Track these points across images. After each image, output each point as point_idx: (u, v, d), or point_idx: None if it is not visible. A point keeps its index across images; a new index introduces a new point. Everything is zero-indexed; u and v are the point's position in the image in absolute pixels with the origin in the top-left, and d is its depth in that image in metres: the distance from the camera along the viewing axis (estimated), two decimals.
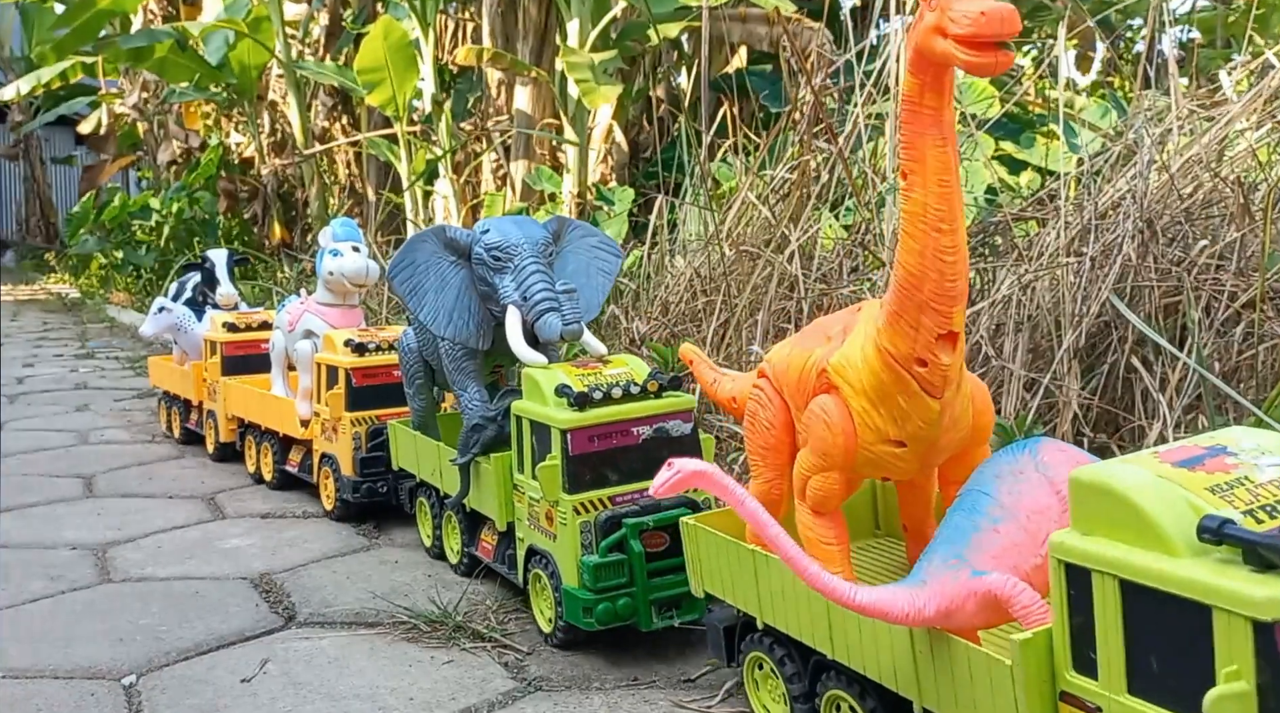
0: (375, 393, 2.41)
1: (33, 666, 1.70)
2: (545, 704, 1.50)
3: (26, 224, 17.02)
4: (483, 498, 1.89)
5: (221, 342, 3.13)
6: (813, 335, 1.34)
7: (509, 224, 1.89)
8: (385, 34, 6.02)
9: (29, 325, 7.81)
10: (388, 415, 2.39)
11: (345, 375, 2.39)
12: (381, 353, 2.42)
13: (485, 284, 1.89)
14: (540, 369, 1.73)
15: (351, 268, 2.60)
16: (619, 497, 1.64)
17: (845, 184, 3.08)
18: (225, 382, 3.05)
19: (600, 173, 5.73)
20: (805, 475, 1.29)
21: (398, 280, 1.93)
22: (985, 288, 2.58)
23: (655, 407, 1.69)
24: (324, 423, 2.49)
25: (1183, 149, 2.47)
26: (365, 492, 2.38)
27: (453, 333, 1.94)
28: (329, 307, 2.67)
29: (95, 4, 7.19)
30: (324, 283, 2.66)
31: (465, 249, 1.92)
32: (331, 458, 2.47)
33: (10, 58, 14.60)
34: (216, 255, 3.45)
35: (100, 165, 12.04)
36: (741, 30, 5.64)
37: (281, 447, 2.77)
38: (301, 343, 2.66)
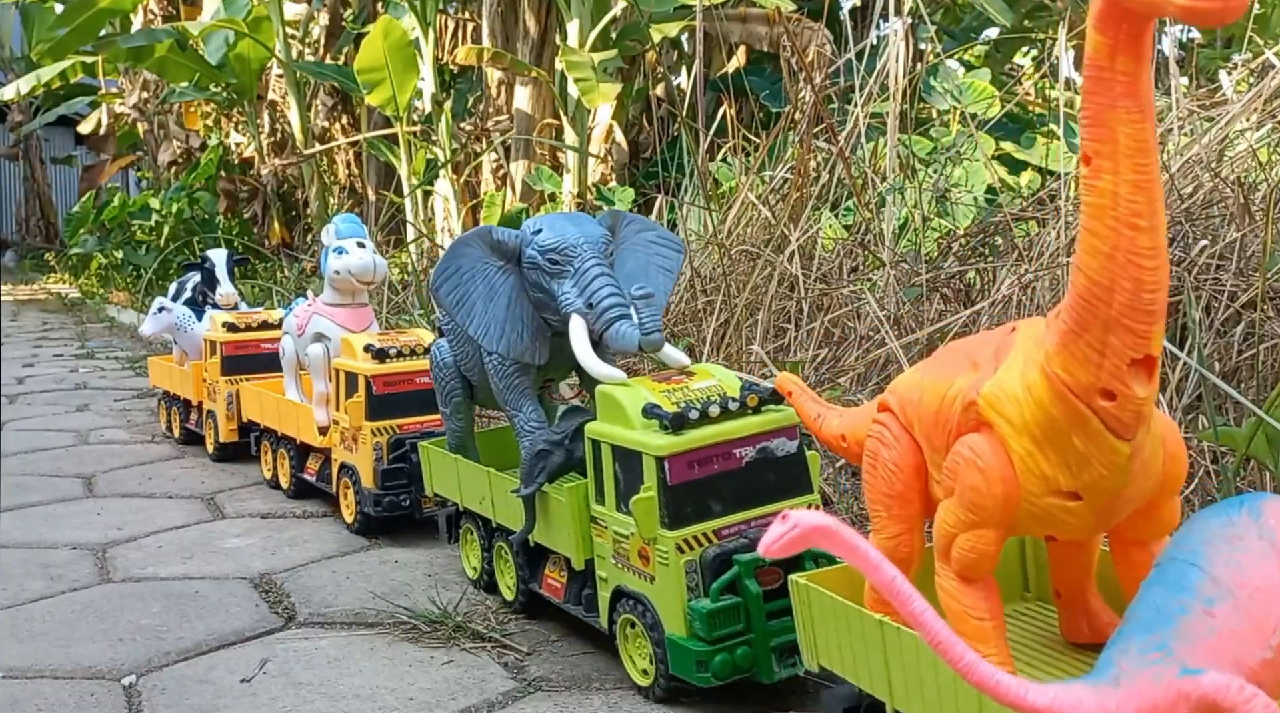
0: (397, 401, 2.29)
1: (33, 666, 1.70)
2: (545, 704, 1.50)
3: (26, 224, 17.03)
4: (553, 533, 1.67)
5: (221, 341, 3.09)
6: (952, 360, 1.11)
7: (563, 222, 1.70)
8: (385, 34, 6.03)
9: (29, 325, 7.81)
10: (410, 425, 2.29)
11: (365, 383, 2.28)
12: (403, 359, 2.31)
13: (540, 291, 1.69)
14: (619, 387, 1.53)
15: (358, 265, 2.49)
16: (725, 529, 1.45)
17: (845, 184, 3.08)
18: (242, 385, 3.00)
19: (600, 173, 5.73)
20: (950, 534, 1.06)
21: (443, 291, 1.74)
22: (985, 288, 2.58)
23: (758, 424, 1.49)
24: (343, 432, 2.37)
25: (1183, 149, 2.47)
26: (387, 505, 2.25)
27: (506, 347, 1.74)
28: (337, 307, 2.56)
29: (95, 4, 7.19)
30: (330, 283, 2.54)
31: (514, 252, 1.72)
32: (351, 469, 2.34)
33: (10, 58, 14.61)
34: (216, 255, 3.40)
35: (100, 165, 12.05)
36: (741, 30, 5.64)
37: (299, 454, 2.67)
38: (314, 347, 2.56)
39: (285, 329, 2.77)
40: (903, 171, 3.05)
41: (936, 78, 4.22)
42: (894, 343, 2.29)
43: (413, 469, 2.22)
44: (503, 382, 1.78)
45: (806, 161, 3.07)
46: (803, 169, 3.08)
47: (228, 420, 3.07)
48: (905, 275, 2.66)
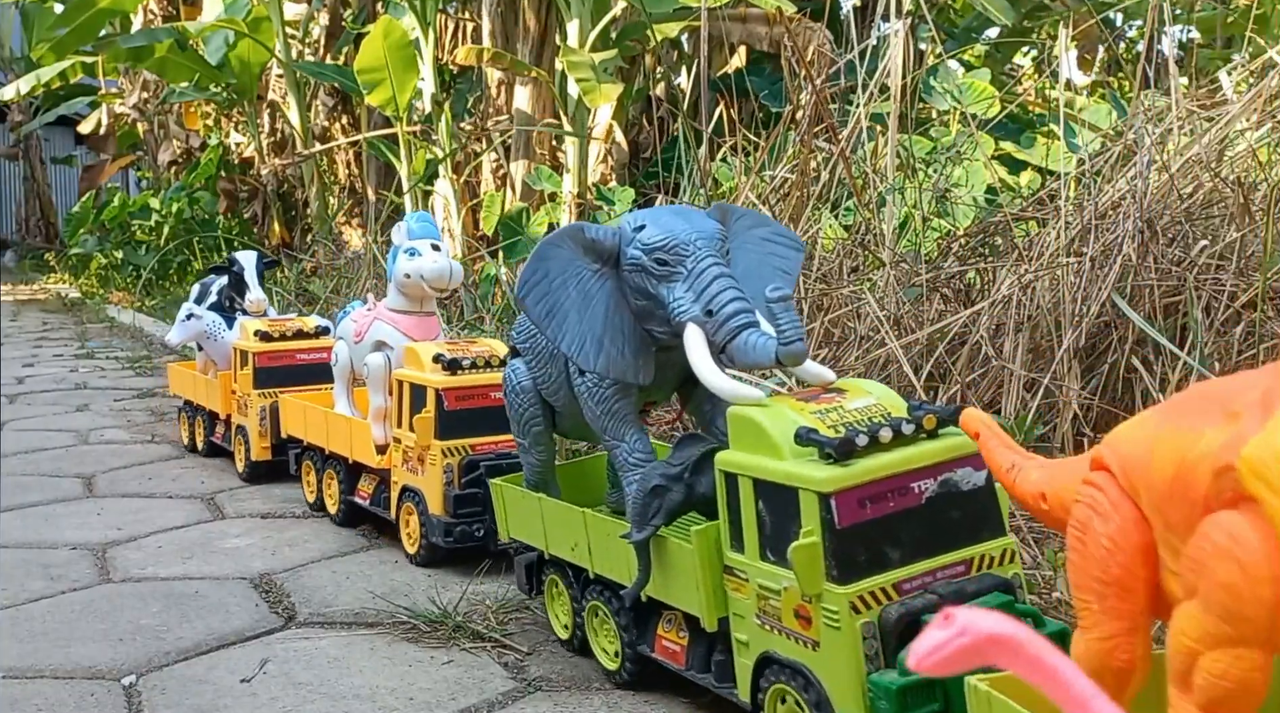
0: (471, 418, 2.04)
1: (33, 666, 1.70)
2: (545, 704, 1.50)
3: (26, 224, 17.03)
4: (673, 586, 1.40)
5: (254, 351, 2.84)
6: (1199, 406, 0.82)
7: (671, 217, 1.46)
8: (385, 34, 6.02)
9: (29, 325, 7.81)
10: (485, 445, 2.05)
11: (435, 397, 2.03)
12: (477, 371, 2.07)
13: (643, 297, 1.45)
14: (758, 408, 1.27)
15: (433, 270, 2.24)
16: (906, 582, 1.18)
17: (845, 184, 3.08)
18: (284, 396, 2.75)
19: (600, 173, 5.73)
20: (1193, 651, 0.78)
21: (530, 299, 1.48)
22: (985, 288, 2.58)
23: (938, 451, 1.23)
24: (405, 451, 2.13)
25: (1183, 149, 2.47)
26: (459, 535, 2.01)
27: (605, 365, 1.48)
28: (402, 314, 2.31)
29: (95, 4, 7.19)
30: (397, 287, 2.30)
31: (612, 253, 1.48)
32: (416, 493, 2.10)
33: (10, 58, 14.61)
34: (245, 258, 3.16)
35: (100, 165, 12.05)
36: (741, 30, 5.64)
37: (348, 475, 2.41)
38: (373, 356, 2.32)
39: (339, 334, 2.53)
40: (903, 171, 3.05)
41: (936, 78, 4.22)
42: (894, 343, 2.29)
43: (488, 495, 1.93)
44: (600, 406, 1.53)
45: (807, 161, 3.07)
46: (803, 169, 3.08)
47: (260, 437, 2.83)
48: (905, 275, 2.66)
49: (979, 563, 1.24)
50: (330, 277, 5.89)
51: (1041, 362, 2.22)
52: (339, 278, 5.59)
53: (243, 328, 2.94)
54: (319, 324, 2.93)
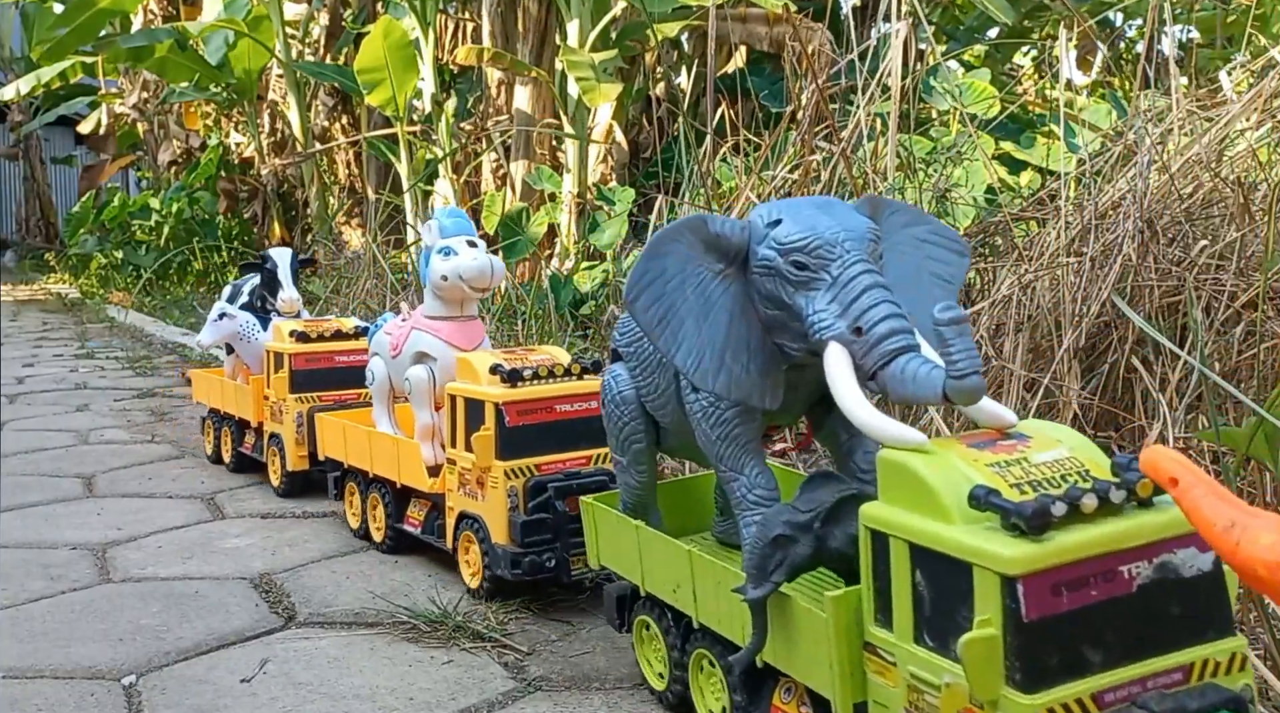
0: (535, 435, 1.85)
1: (33, 666, 1.70)
2: (545, 704, 1.50)
3: (26, 224, 17.04)
4: (797, 656, 1.18)
5: (290, 353, 2.64)
6: None
7: (814, 211, 1.21)
8: (385, 34, 6.03)
9: (29, 325, 7.81)
10: (551, 465, 1.85)
11: (495, 413, 1.83)
12: (540, 382, 1.87)
13: (776, 306, 1.22)
14: (916, 454, 1.04)
15: (472, 268, 2.05)
16: (1108, 692, 0.94)
17: (846, 184, 3.08)
18: (321, 416, 2.49)
19: (600, 173, 5.74)
20: None
21: (641, 304, 1.25)
22: (985, 288, 2.59)
23: (1155, 526, 0.97)
24: (462, 474, 1.92)
25: (1183, 149, 2.47)
26: (529, 567, 1.78)
27: (726, 385, 1.25)
28: (442, 320, 2.13)
29: (95, 4, 7.19)
30: (434, 291, 2.12)
31: (739, 251, 1.24)
32: (476, 520, 1.89)
33: (10, 58, 14.62)
34: (279, 255, 2.96)
35: (100, 165, 12.06)
36: (741, 30, 5.64)
37: (396, 500, 2.20)
38: (414, 370, 2.13)
39: (374, 349, 2.34)
40: (903, 171, 3.05)
41: (936, 78, 4.22)
42: None
43: (558, 520, 1.79)
44: (716, 431, 1.31)
45: (808, 161, 3.08)
46: (804, 169, 3.08)
47: (297, 446, 2.64)
48: None
49: (1201, 670, 0.99)
50: (330, 276, 5.89)
51: (1041, 362, 2.22)
52: (339, 278, 5.59)
53: (277, 329, 2.74)
54: (357, 325, 2.76)
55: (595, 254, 5.00)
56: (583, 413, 1.89)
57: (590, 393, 1.88)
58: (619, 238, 4.72)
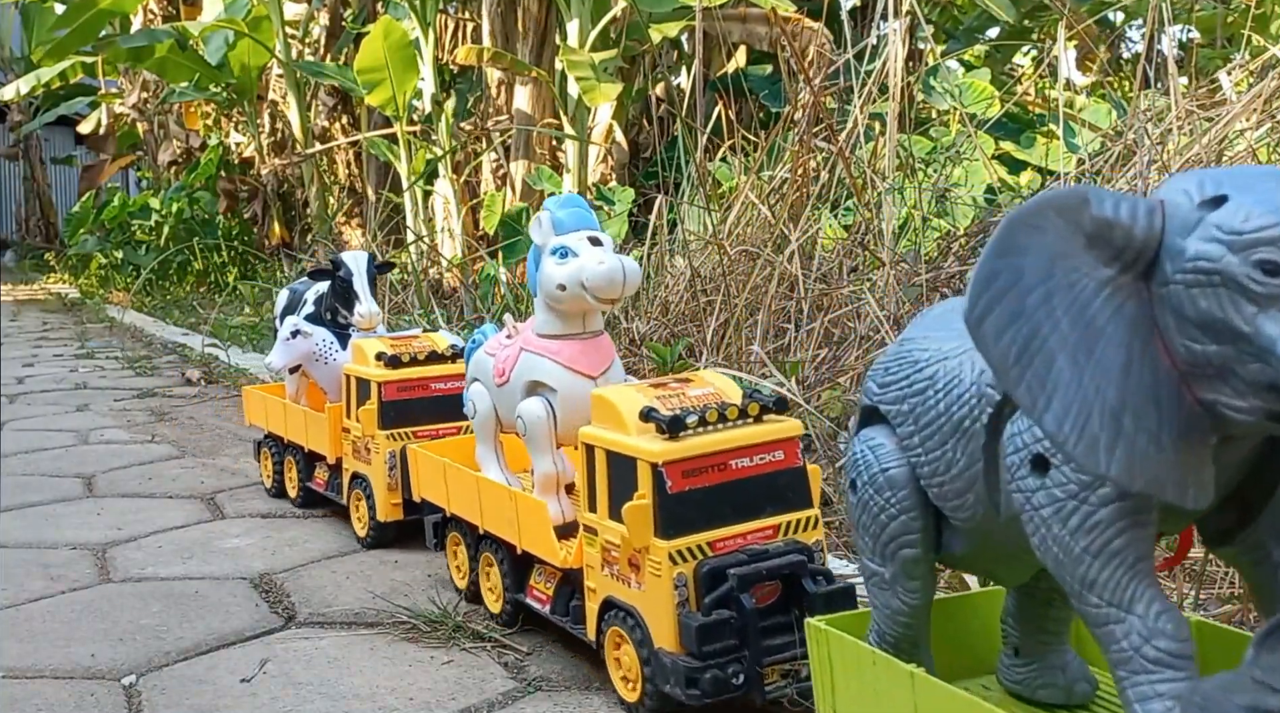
0: (707, 502, 1.39)
1: (33, 666, 1.70)
2: (545, 704, 1.50)
3: (26, 224, 17.05)
4: None
5: (380, 381, 2.19)
6: None
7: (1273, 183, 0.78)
8: (385, 34, 6.03)
9: (29, 325, 7.81)
10: (728, 542, 1.39)
11: (653, 476, 1.37)
12: (708, 430, 1.40)
13: (1216, 335, 0.77)
14: None
15: (599, 275, 1.58)
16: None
17: (845, 184, 3.08)
18: (415, 451, 2.03)
19: (600, 173, 5.74)
20: None
21: (992, 323, 0.82)
22: None
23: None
24: (607, 549, 1.46)
25: (1182, 149, 2.47)
26: (709, 686, 1.31)
27: (1126, 466, 0.80)
28: (560, 340, 1.67)
29: (95, 4, 7.20)
30: (548, 302, 1.66)
31: (1144, 247, 0.81)
32: (630, 614, 1.41)
33: (10, 58, 14.62)
34: (354, 260, 2.48)
35: (100, 165, 12.06)
36: (741, 30, 5.64)
37: (514, 566, 1.74)
38: (529, 406, 1.67)
39: (472, 373, 1.86)
40: (902, 171, 3.05)
41: (936, 78, 4.22)
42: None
43: (745, 620, 1.32)
44: (1084, 539, 0.85)
45: (806, 161, 3.08)
46: (803, 169, 3.08)
47: (390, 492, 2.18)
48: (905, 275, 2.66)
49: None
50: None
51: None
52: None
53: (358, 349, 2.28)
54: (452, 343, 2.30)
55: None
56: (765, 468, 1.43)
57: (774, 442, 1.43)
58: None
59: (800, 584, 1.36)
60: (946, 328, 1.00)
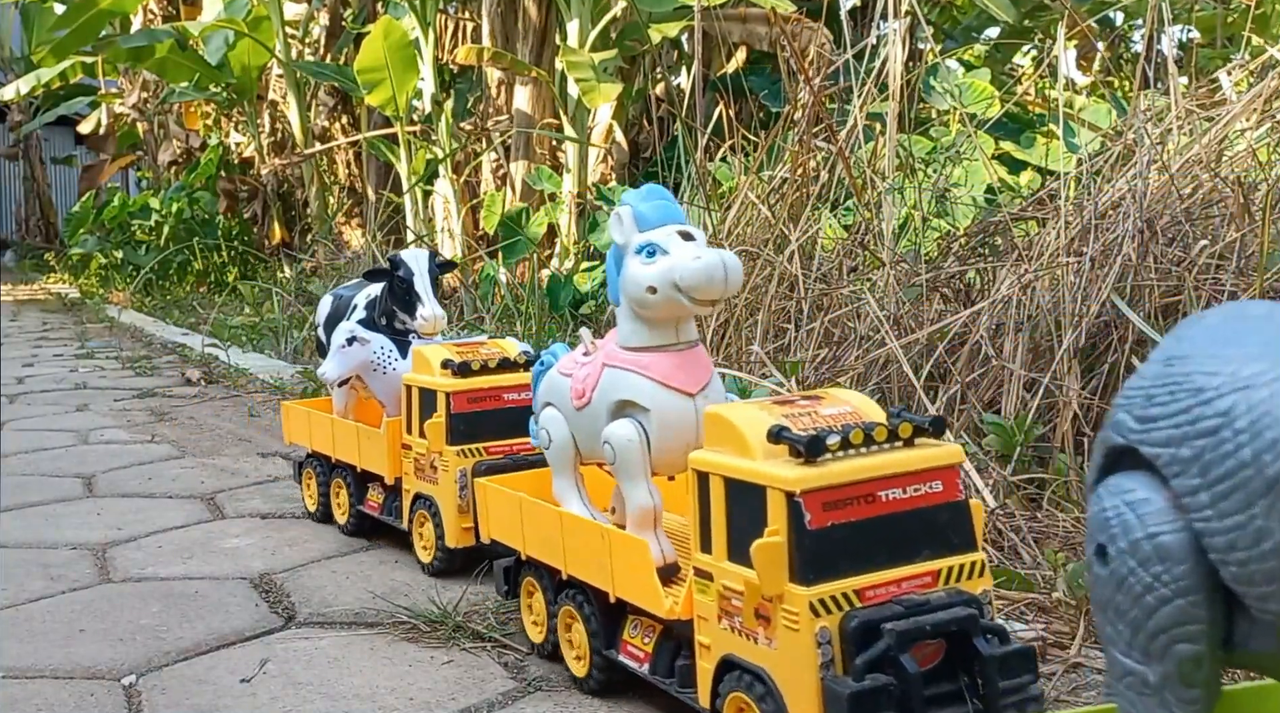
0: (855, 542, 1.15)
1: (33, 666, 1.70)
2: (545, 704, 1.50)
3: (26, 224, 17.06)
4: None
5: (449, 391, 1.95)
6: None
7: None
8: (385, 34, 6.04)
9: (29, 325, 7.81)
10: (880, 589, 1.15)
11: (788, 509, 1.13)
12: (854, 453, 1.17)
13: None
14: None
15: (697, 273, 1.36)
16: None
17: (845, 184, 3.08)
18: (484, 485, 1.76)
19: (600, 173, 5.74)
20: None
21: None
22: (985, 288, 2.59)
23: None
24: (726, 598, 1.22)
25: (1182, 149, 2.47)
26: None
27: None
28: (651, 352, 1.44)
29: (95, 4, 7.20)
30: (634, 309, 1.44)
31: None
32: (758, 676, 1.18)
33: (10, 58, 14.63)
34: (414, 259, 2.26)
35: (100, 165, 12.07)
36: (741, 30, 5.64)
37: (603, 615, 1.48)
38: (618, 429, 1.44)
39: (544, 396, 1.62)
40: (902, 171, 3.05)
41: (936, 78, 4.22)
42: (894, 343, 2.29)
43: (910, 686, 1.09)
44: None
45: (806, 161, 3.08)
46: (802, 169, 3.08)
47: (460, 516, 1.96)
48: (905, 275, 2.66)
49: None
50: (330, 277, 5.90)
51: (1041, 362, 2.22)
52: (339, 278, 5.59)
53: (420, 357, 2.06)
54: (524, 350, 2.09)
55: (595, 254, 5.00)
56: (921, 501, 1.19)
57: (932, 470, 1.20)
58: None
59: (969, 644, 1.12)
60: (1240, 345, 0.74)
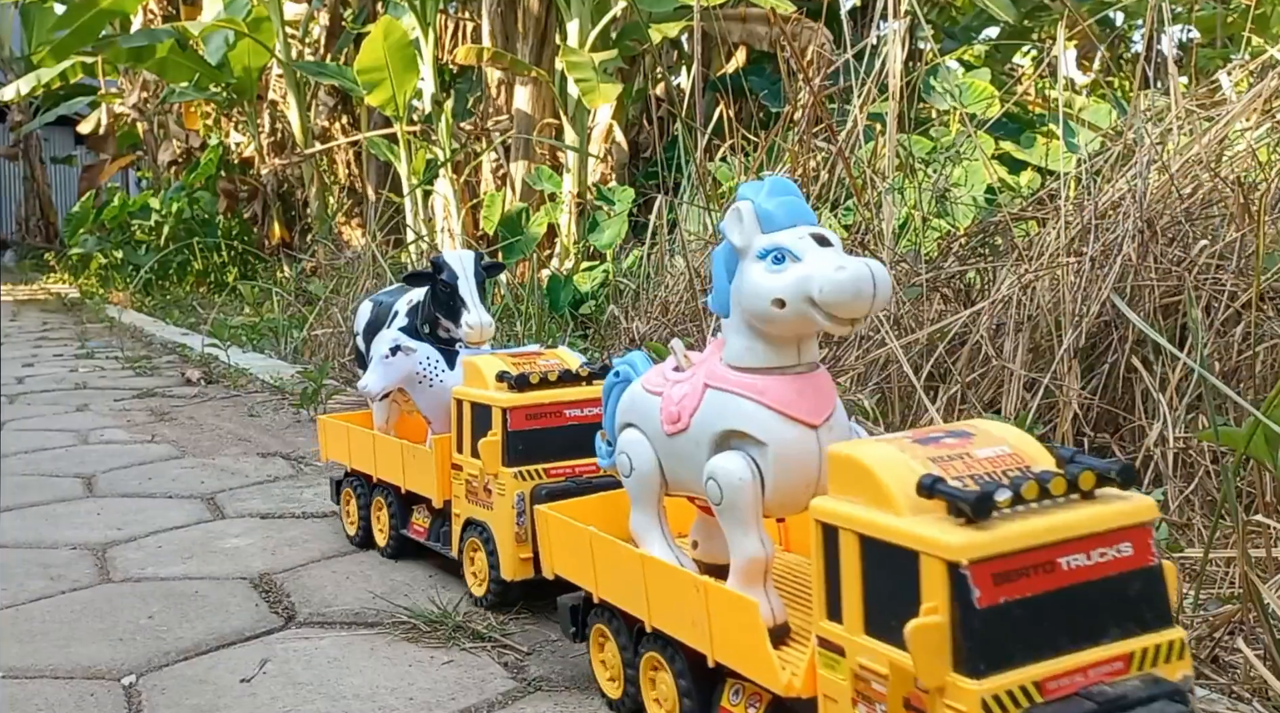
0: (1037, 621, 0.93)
1: (33, 666, 1.70)
2: (545, 704, 1.50)
3: (26, 224, 17.06)
4: None
5: (505, 406, 1.76)
6: None
7: None
8: (385, 34, 6.04)
9: (29, 325, 7.81)
10: (1063, 681, 0.93)
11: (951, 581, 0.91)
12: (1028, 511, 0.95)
13: None
14: None
15: (841, 287, 1.12)
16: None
17: (845, 184, 3.08)
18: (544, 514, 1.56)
19: (600, 173, 5.74)
20: None
21: None
22: (985, 288, 2.59)
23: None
24: (859, 676, 1.01)
25: (1182, 149, 2.47)
26: None
27: None
28: (767, 375, 1.21)
29: (95, 4, 7.20)
30: (752, 324, 1.21)
31: None
32: None
33: (10, 58, 14.63)
34: (458, 261, 2.08)
35: (100, 165, 12.07)
36: (741, 30, 5.64)
37: (696, 678, 1.29)
38: (725, 462, 1.21)
39: (625, 416, 1.40)
40: (902, 171, 3.05)
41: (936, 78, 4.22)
42: (894, 343, 2.29)
43: None
44: None
45: (806, 161, 3.08)
46: (802, 169, 3.08)
47: (518, 545, 1.76)
48: (905, 275, 2.66)
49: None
50: (330, 277, 5.90)
51: (1041, 362, 2.22)
52: (339, 278, 5.59)
53: (472, 369, 1.87)
54: (584, 362, 1.89)
55: (595, 254, 5.00)
56: (1106, 570, 0.96)
57: (1120, 531, 0.97)
58: (619, 238, 4.72)
59: None
60: None
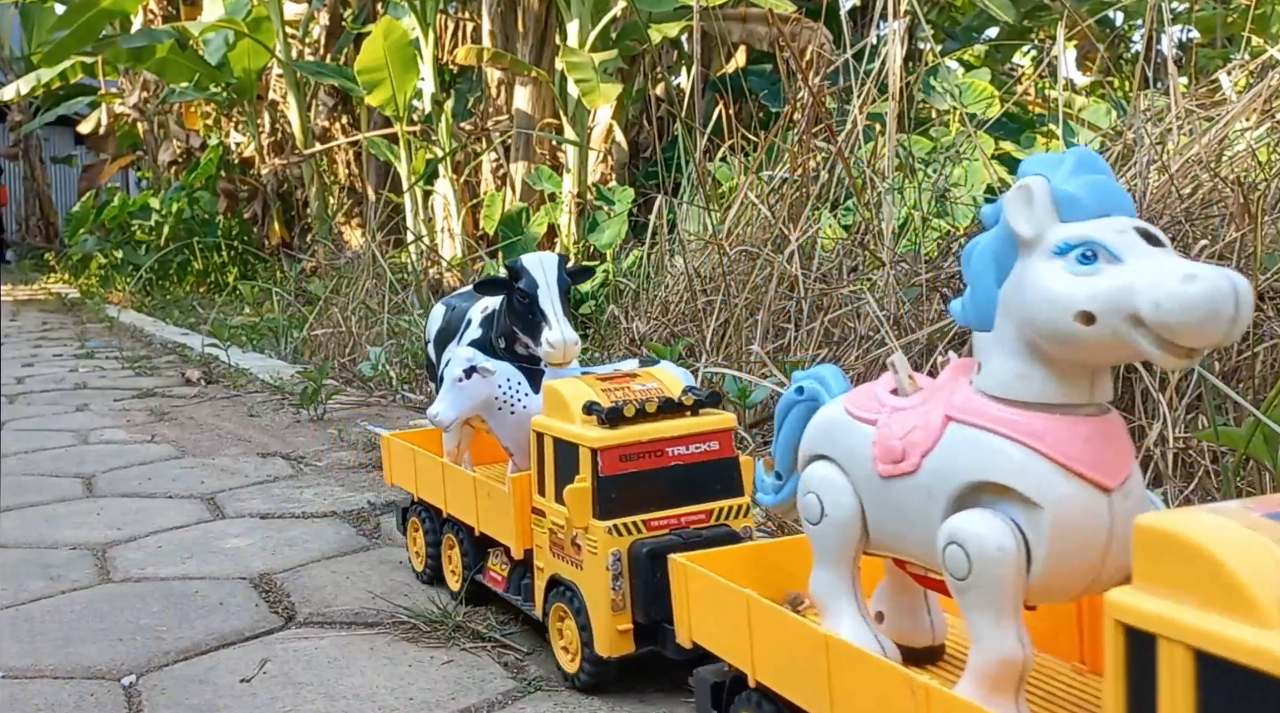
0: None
1: (33, 666, 1.70)
2: (545, 704, 1.50)
3: (26, 224, 17.06)
4: None
5: (597, 446, 1.42)
6: None
7: None
8: (385, 34, 6.04)
9: (29, 325, 7.81)
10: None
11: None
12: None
13: None
14: None
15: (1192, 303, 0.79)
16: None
17: (845, 184, 3.09)
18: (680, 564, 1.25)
19: (600, 173, 5.74)
20: None
21: None
22: None
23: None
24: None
25: (1182, 149, 2.47)
26: None
27: None
28: (1046, 413, 0.90)
29: (95, 4, 7.20)
30: (1034, 343, 0.89)
31: None
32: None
33: (10, 58, 14.63)
34: (539, 265, 1.73)
35: (100, 165, 12.07)
36: (741, 30, 5.64)
37: None
38: (980, 526, 0.91)
39: (815, 448, 1.11)
40: (902, 171, 3.05)
41: (936, 78, 4.22)
42: (894, 343, 2.29)
43: None
44: None
45: (805, 161, 3.08)
46: (802, 169, 3.08)
47: (614, 613, 1.42)
48: (905, 275, 2.66)
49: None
50: (330, 277, 5.90)
51: None
52: (339, 278, 5.59)
53: (555, 397, 1.52)
54: (690, 387, 1.56)
55: (595, 254, 5.00)
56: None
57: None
58: (619, 238, 4.72)
59: None
60: None
